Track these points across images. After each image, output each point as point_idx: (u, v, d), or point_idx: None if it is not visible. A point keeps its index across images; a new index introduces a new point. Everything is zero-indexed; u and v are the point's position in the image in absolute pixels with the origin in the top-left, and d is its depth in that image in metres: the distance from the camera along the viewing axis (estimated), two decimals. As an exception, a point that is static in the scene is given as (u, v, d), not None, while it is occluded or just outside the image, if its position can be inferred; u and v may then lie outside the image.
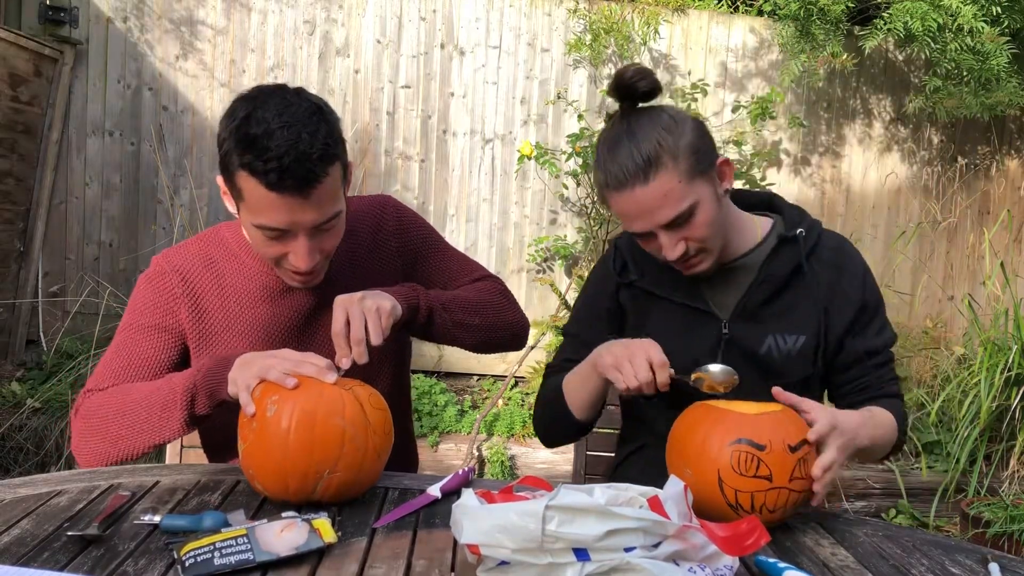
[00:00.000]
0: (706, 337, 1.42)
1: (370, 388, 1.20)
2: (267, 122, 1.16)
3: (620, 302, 1.50)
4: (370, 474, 1.17)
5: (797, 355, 1.39)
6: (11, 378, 3.81)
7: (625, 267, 1.48)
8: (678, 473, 1.16)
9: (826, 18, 4.11)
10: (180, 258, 1.39)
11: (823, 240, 1.43)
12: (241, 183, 1.20)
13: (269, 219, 1.21)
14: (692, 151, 1.27)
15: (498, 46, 4.54)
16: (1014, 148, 5.00)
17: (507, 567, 0.88)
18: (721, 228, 1.34)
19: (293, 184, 1.17)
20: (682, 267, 1.36)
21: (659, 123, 1.28)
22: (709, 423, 1.16)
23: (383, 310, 1.25)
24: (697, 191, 1.28)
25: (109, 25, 4.27)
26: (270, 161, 1.15)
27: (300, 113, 1.18)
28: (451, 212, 4.57)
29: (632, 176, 1.25)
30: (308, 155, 1.16)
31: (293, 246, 1.25)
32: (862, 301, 1.41)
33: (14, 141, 3.90)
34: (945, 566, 1.10)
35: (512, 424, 3.91)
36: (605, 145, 1.31)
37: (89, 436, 1.29)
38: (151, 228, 4.35)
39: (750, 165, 4.45)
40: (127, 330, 1.36)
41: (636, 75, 1.28)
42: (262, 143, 1.15)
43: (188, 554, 0.93)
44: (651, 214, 1.27)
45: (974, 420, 3.45)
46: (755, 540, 0.88)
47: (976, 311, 3.95)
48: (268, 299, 1.39)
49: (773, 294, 1.40)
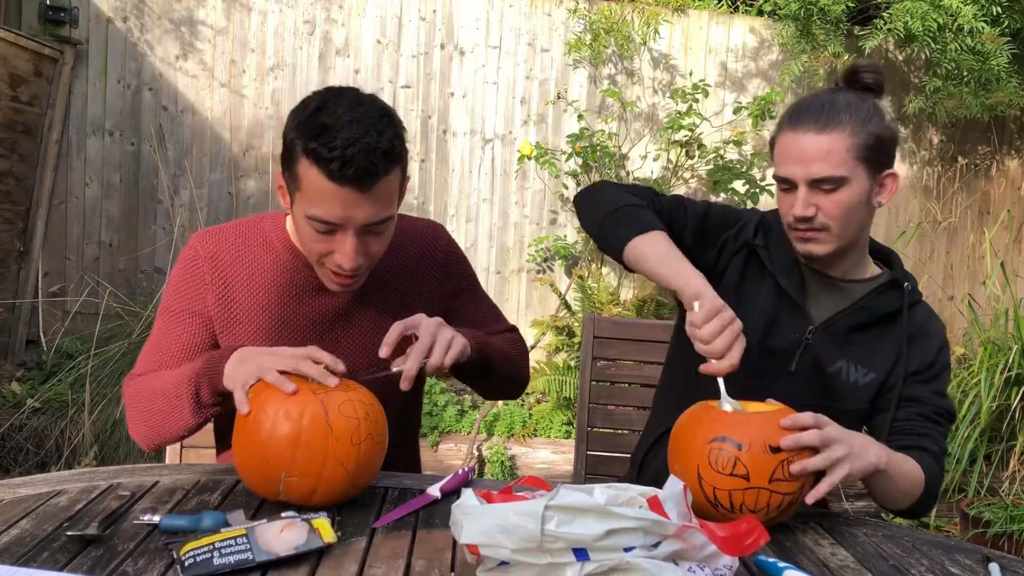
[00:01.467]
0: (789, 333, 1.43)
1: (346, 395, 1.15)
2: (338, 115, 1.18)
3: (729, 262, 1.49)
4: (334, 482, 1.12)
5: (862, 388, 1.41)
6: (11, 378, 3.81)
7: (756, 233, 1.49)
8: (670, 468, 1.17)
9: (826, 18, 4.11)
10: (215, 243, 1.40)
11: (920, 304, 1.47)
12: (302, 171, 1.21)
13: (324, 211, 1.21)
14: (874, 140, 1.32)
15: (498, 46, 4.54)
16: (1014, 148, 4.99)
17: (507, 567, 0.88)
18: (854, 225, 1.36)
19: (354, 175, 1.17)
20: (800, 235, 1.37)
21: (862, 104, 1.33)
22: (700, 420, 1.17)
23: (456, 343, 1.26)
24: (856, 173, 1.32)
25: (109, 25, 4.27)
26: (335, 150, 1.16)
27: (372, 112, 1.20)
28: (451, 212, 4.57)
29: (812, 120, 1.31)
30: (374, 149, 1.18)
31: (340, 244, 1.24)
32: (934, 360, 1.43)
33: (14, 141, 3.90)
34: (945, 566, 1.10)
35: (512, 424, 3.91)
36: (806, 96, 1.39)
37: (134, 421, 1.34)
38: (151, 228, 4.35)
39: (750, 165, 4.45)
40: (163, 314, 1.40)
41: (867, 67, 1.38)
42: (330, 132, 1.17)
43: (187, 554, 0.93)
44: (806, 163, 1.31)
45: (974, 420, 3.45)
46: (755, 540, 0.88)
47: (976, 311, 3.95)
48: (297, 295, 1.39)
49: (863, 324, 1.42)
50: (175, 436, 1.31)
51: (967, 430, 3.43)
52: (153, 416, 1.30)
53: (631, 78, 4.65)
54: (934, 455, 1.37)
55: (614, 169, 4.40)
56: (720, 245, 1.49)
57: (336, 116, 1.18)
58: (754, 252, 1.48)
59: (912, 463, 1.32)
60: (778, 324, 1.44)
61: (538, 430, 3.94)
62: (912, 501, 1.33)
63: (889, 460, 1.23)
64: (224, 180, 4.42)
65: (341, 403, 1.13)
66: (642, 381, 2.01)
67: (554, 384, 4.09)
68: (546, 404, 4.14)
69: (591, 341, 1.97)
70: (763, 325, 1.44)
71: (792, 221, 1.36)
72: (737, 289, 1.48)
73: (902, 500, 1.33)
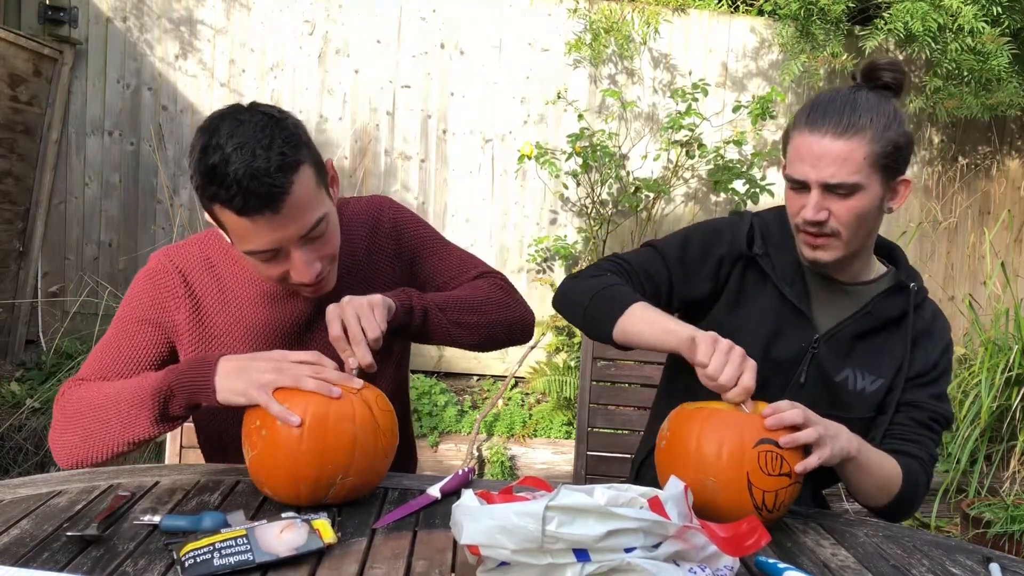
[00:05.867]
0: (794, 343, 1.41)
1: (377, 390, 1.20)
2: (221, 148, 1.15)
3: (730, 273, 1.46)
4: (380, 475, 1.18)
5: (869, 396, 1.40)
6: (10, 378, 3.80)
7: (752, 241, 1.46)
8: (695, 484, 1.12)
9: (826, 18, 4.11)
10: (181, 258, 1.38)
11: (926, 303, 1.45)
12: (217, 214, 1.21)
13: (254, 244, 1.21)
14: (892, 148, 1.29)
15: (498, 46, 4.54)
16: (1015, 148, 4.99)
17: (507, 568, 0.88)
18: (863, 231, 1.34)
19: (259, 203, 1.16)
20: (809, 241, 1.35)
21: (883, 107, 1.30)
22: (717, 428, 1.14)
23: (374, 303, 1.24)
24: (870, 180, 1.29)
25: (109, 25, 4.27)
26: (231, 187, 1.14)
27: (251, 130, 1.17)
28: (451, 212, 4.57)
29: (832, 125, 1.28)
30: (266, 170, 1.15)
31: (291, 263, 1.24)
32: (936, 362, 1.41)
33: (13, 141, 3.90)
34: (946, 566, 1.09)
35: (512, 424, 3.91)
36: (826, 94, 1.34)
37: (64, 428, 1.27)
38: (151, 228, 4.35)
39: (750, 165, 4.45)
40: (120, 322, 1.36)
41: (888, 65, 1.33)
42: (220, 171, 1.15)
43: (187, 555, 0.92)
44: (821, 167, 1.28)
45: (975, 420, 3.44)
46: (755, 540, 0.88)
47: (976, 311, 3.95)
48: (268, 303, 1.38)
49: (869, 330, 1.41)
50: (114, 450, 1.24)
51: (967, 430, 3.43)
52: (93, 425, 1.24)
53: (631, 78, 4.64)
54: (921, 461, 1.37)
55: (614, 169, 4.40)
56: (716, 266, 1.45)
57: (220, 151, 1.15)
58: (752, 260, 1.45)
59: (891, 461, 1.33)
60: (782, 334, 1.41)
61: (538, 430, 3.94)
62: (888, 499, 1.33)
63: (860, 449, 1.24)
64: (224, 180, 4.41)
65: (376, 398, 1.17)
66: (642, 381, 2.01)
67: (554, 384, 4.09)
68: (546, 404, 4.14)
69: (591, 341, 1.97)
70: (766, 335, 1.41)
71: (801, 223, 1.34)
72: (736, 300, 1.45)
73: (877, 495, 1.32)
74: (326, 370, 1.16)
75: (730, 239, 1.46)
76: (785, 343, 1.41)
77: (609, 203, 4.54)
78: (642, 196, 4.45)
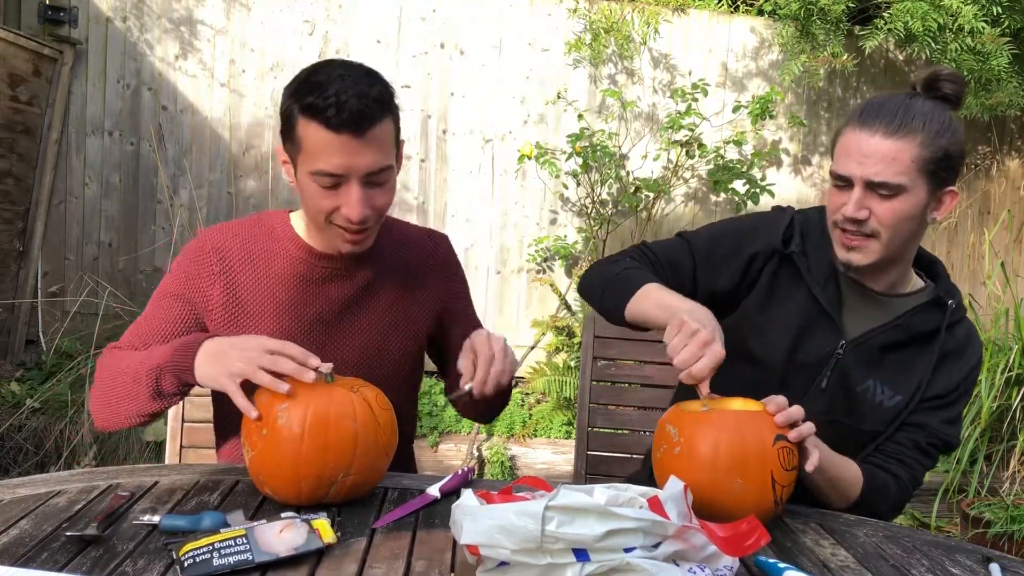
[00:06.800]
0: (819, 347, 1.38)
1: (375, 388, 1.21)
2: (328, 73, 1.26)
3: (762, 269, 1.44)
4: (381, 473, 1.19)
5: (885, 411, 1.37)
6: (10, 378, 3.80)
7: (791, 238, 1.43)
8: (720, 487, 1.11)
9: (826, 18, 4.11)
10: (222, 237, 1.42)
11: (962, 323, 1.42)
12: (301, 131, 1.26)
13: (326, 163, 1.25)
14: (942, 155, 1.27)
15: (498, 46, 4.54)
16: (1014, 148, 4.99)
17: (507, 567, 0.88)
18: (902, 236, 1.31)
19: (350, 119, 1.23)
20: (845, 241, 1.32)
21: (937, 115, 1.28)
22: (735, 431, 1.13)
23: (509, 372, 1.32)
24: (916, 184, 1.27)
25: (109, 25, 4.27)
26: (329, 98, 1.22)
27: (358, 71, 1.29)
28: (451, 212, 4.57)
29: (884, 124, 1.26)
30: (366, 94, 1.25)
31: (346, 196, 1.28)
32: (958, 384, 1.39)
33: (13, 141, 3.90)
34: (945, 566, 1.09)
35: (512, 424, 3.91)
36: (883, 96, 1.33)
37: (95, 393, 1.34)
38: (151, 228, 4.35)
39: (750, 165, 4.45)
40: (156, 296, 1.42)
41: (949, 76, 1.31)
42: (323, 85, 1.24)
43: (187, 554, 0.92)
44: (868, 164, 1.26)
45: (975, 420, 3.44)
46: (755, 540, 0.88)
47: (976, 311, 3.95)
48: (303, 285, 1.41)
49: (898, 344, 1.38)
50: (127, 421, 1.29)
51: (967, 430, 3.43)
52: (111, 395, 1.30)
53: (631, 78, 4.64)
54: (897, 478, 1.36)
55: (614, 169, 4.40)
56: (746, 264, 1.43)
57: (327, 75, 1.26)
58: (788, 258, 1.42)
59: (855, 468, 1.32)
60: (809, 336, 1.39)
61: (538, 430, 3.94)
62: (845, 504, 1.32)
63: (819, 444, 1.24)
64: (224, 180, 4.42)
65: (376, 395, 1.18)
66: (642, 381, 2.00)
67: (554, 384, 4.09)
68: (546, 404, 4.14)
69: (591, 341, 1.97)
70: (793, 336, 1.38)
71: (840, 220, 1.31)
72: (767, 297, 1.43)
73: (830, 495, 1.31)
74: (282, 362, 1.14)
75: (766, 236, 1.44)
76: (811, 346, 1.39)
77: (609, 203, 4.54)
78: (642, 196, 4.45)
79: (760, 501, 1.12)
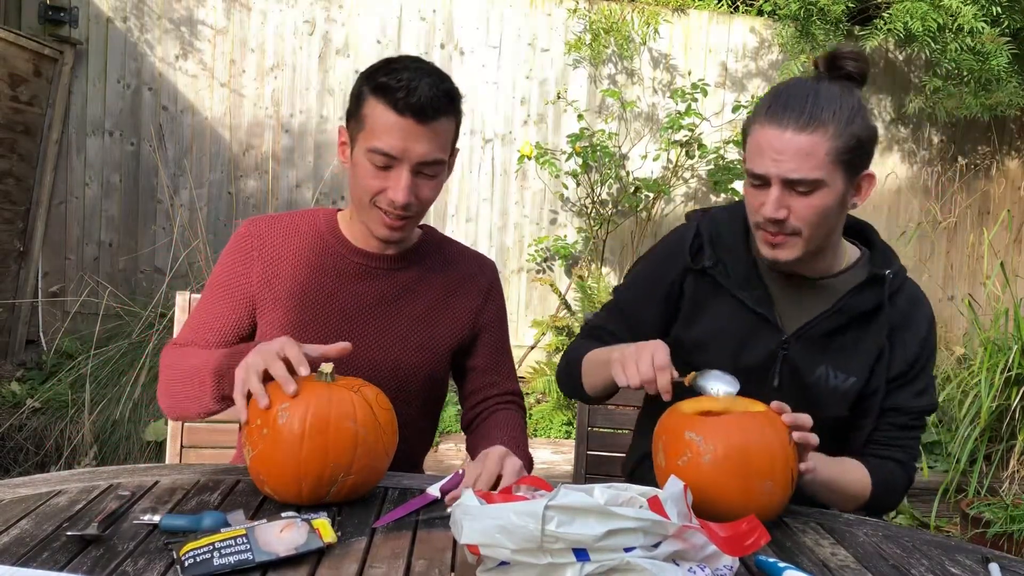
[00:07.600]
0: (762, 348, 1.37)
1: (376, 388, 1.21)
2: (405, 63, 1.33)
3: (682, 287, 1.43)
4: (381, 473, 1.19)
5: (842, 394, 1.36)
6: (11, 378, 3.80)
7: (701, 251, 1.41)
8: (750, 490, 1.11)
9: (826, 18, 4.11)
10: (265, 224, 1.45)
11: (903, 289, 1.39)
12: (368, 110, 1.31)
13: (384, 142, 1.29)
14: (855, 143, 1.24)
15: (498, 46, 4.54)
16: (1014, 148, 4.99)
17: (507, 567, 0.88)
18: (825, 229, 1.30)
19: (417, 104, 1.28)
20: (768, 240, 1.30)
21: (847, 100, 1.25)
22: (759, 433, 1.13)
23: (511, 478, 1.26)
24: (833, 176, 1.24)
25: (109, 25, 4.27)
26: (401, 81, 1.28)
27: (435, 69, 1.35)
28: (451, 212, 4.57)
29: (793, 119, 1.23)
30: (437, 86, 1.31)
31: (394, 179, 1.31)
32: (916, 356, 1.38)
33: (14, 141, 3.90)
34: (945, 566, 1.09)
35: (512, 424, 3.90)
36: (787, 85, 1.29)
37: (162, 392, 1.39)
38: (151, 228, 4.35)
39: (750, 165, 4.45)
40: (208, 288, 1.45)
41: (850, 54, 1.28)
42: (398, 72, 1.30)
43: (187, 554, 0.92)
44: (782, 162, 1.23)
45: (974, 420, 3.44)
46: (755, 540, 0.88)
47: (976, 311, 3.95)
48: (339, 278, 1.42)
49: (842, 327, 1.36)
50: (195, 416, 1.35)
51: (967, 430, 3.43)
52: (177, 391, 1.35)
53: (631, 78, 4.64)
54: (900, 462, 1.38)
55: (614, 169, 4.40)
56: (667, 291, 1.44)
57: (403, 63, 1.32)
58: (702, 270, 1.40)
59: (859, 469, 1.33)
60: (748, 340, 1.37)
61: (538, 430, 3.94)
62: (855, 504, 1.33)
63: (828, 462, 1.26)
64: (224, 180, 4.42)
65: (376, 395, 1.19)
66: (642, 381, 2.00)
67: (554, 384, 4.08)
68: (546, 404, 4.14)
69: (591, 341, 1.97)
70: (732, 345, 1.37)
71: (761, 221, 1.29)
72: (693, 313, 1.42)
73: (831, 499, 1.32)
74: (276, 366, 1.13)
75: (674, 259, 1.43)
76: (752, 349, 1.37)
77: (609, 203, 4.54)
78: (642, 196, 4.45)
79: (784, 499, 1.14)
